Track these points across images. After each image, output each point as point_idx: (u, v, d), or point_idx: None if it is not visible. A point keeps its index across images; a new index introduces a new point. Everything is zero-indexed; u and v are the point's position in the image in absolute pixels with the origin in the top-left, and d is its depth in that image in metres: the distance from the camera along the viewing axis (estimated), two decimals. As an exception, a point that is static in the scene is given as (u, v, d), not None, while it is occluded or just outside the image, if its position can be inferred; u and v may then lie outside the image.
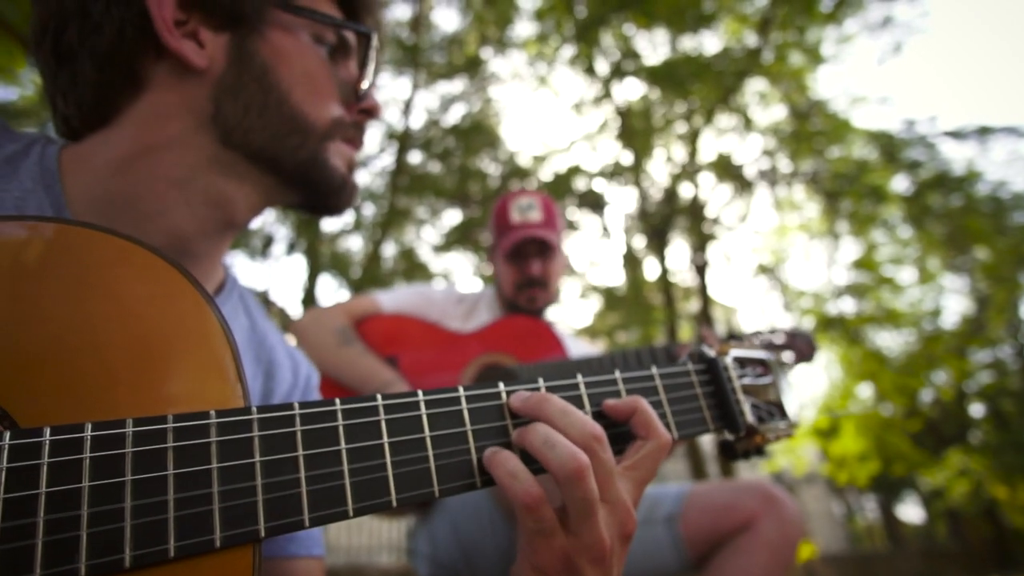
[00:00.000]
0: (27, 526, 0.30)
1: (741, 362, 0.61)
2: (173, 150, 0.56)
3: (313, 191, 0.63)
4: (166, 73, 0.56)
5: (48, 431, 0.32)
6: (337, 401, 0.40)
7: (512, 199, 1.69)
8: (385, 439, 0.41)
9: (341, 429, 0.39)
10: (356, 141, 0.67)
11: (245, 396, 0.40)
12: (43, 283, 0.37)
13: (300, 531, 0.43)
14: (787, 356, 1.29)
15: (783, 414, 0.62)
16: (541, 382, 0.48)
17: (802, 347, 1.29)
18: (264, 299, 7.28)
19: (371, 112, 0.67)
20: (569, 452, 0.41)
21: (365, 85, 0.65)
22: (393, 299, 1.58)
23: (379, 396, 0.41)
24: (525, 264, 1.64)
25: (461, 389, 0.45)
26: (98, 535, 0.31)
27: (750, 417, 0.57)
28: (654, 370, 0.54)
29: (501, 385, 0.46)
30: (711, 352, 0.59)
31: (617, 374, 0.52)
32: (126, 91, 0.56)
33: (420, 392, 0.43)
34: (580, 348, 1.65)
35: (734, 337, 1.29)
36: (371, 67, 0.65)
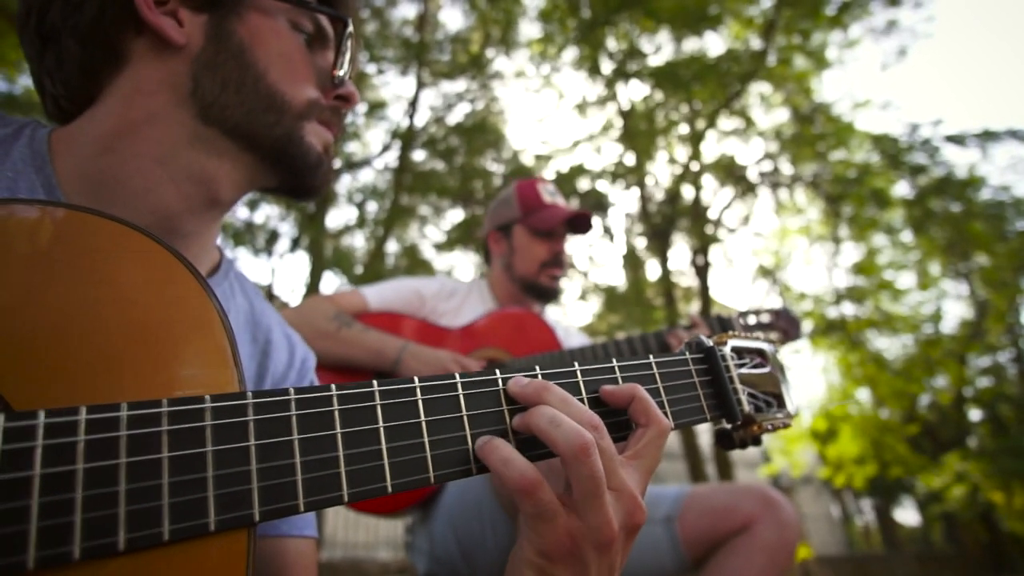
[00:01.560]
0: (21, 508, 0.30)
1: (739, 352, 0.61)
2: (155, 126, 0.57)
3: (289, 169, 0.64)
4: (146, 48, 0.58)
5: (43, 414, 0.32)
6: (333, 387, 0.40)
7: (538, 183, 1.73)
8: (381, 424, 0.40)
9: (337, 414, 0.39)
10: (333, 125, 0.68)
11: (241, 381, 0.40)
12: (40, 267, 0.37)
13: None
14: (774, 336, 1.32)
15: (781, 404, 0.61)
16: (538, 369, 0.48)
17: (787, 327, 1.32)
18: (268, 295, 7.28)
19: (347, 98, 0.68)
20: (575, 430, 0.42)
21: (341, 71, 0.66)
22: (380, 295, 1.54)
23: (375, 382, 0.42)
24: (557, 242, 1.67)
25: (457, 376, 0.45)
26: (92, 518, 0.31)
27: (747, 406, 0.57)
28: (651, 359, 0.54)
29: (498, 372, 0.47)
30: (709, 341, 0.59)
31: (614, 363, 0.52)
32: (108, 66, 0.58)
33: (416, 378, 0.43)
34: (572, 337, 1.65)
35: (722, 319, 1.30)
36: (347, 53, 0.66)
